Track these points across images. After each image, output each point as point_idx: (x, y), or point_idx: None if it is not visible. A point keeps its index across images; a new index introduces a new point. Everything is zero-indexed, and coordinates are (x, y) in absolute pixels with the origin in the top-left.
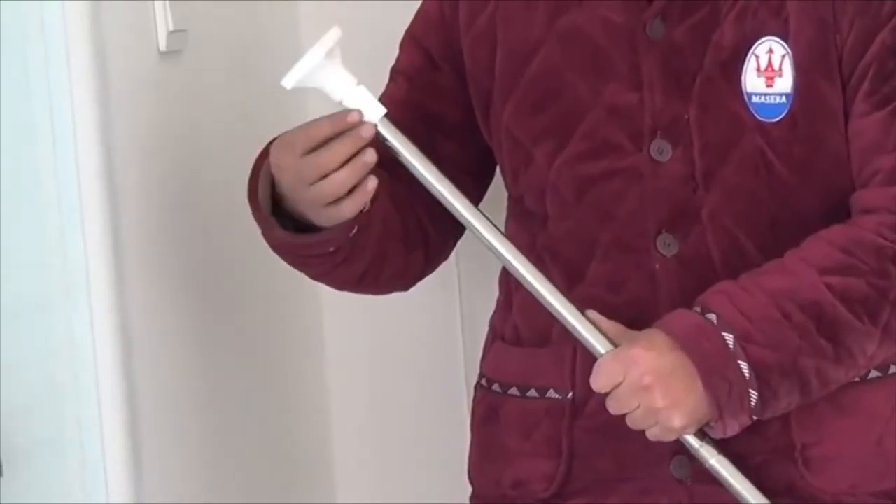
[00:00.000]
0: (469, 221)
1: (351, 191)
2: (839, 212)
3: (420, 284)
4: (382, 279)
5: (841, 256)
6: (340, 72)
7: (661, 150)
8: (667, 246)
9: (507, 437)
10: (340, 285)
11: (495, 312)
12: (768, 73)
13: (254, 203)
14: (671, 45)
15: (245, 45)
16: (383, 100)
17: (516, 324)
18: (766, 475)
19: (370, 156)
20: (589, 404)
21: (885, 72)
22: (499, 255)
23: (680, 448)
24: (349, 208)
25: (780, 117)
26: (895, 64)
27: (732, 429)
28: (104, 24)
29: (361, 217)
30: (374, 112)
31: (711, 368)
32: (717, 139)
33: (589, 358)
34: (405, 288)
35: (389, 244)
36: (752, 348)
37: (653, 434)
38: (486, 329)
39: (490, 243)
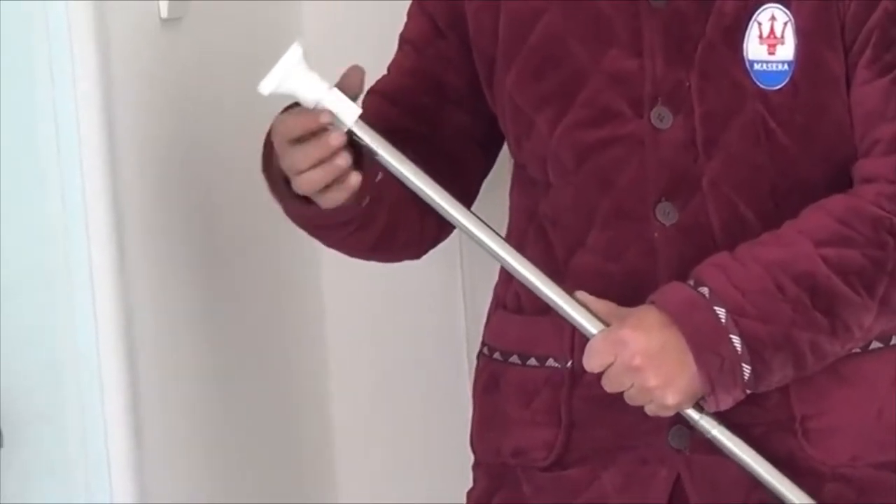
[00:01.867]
0: (451, 215)
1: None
2: (841, 180)
3: (422, 258)
4: (396, 246)
5: (837, 227)
6: (313, 77)
7: (661, 116)
8: (666, 214)
9: (508, 405)
10: (355, 253)
11: (498, 280)
12: (770, 40)
13: (268, 174)
14: (673, 12)
15: (246, 11)
16: (392, 67)
17: (518, 292)
18: (766, 447)
19: (342, 160)
20: (587, 374)
21: (888, 39)
22: (482, 244)
23: (678, 418)
24: (332, 200)
25: (782, 85)
26: None
27: (725, 403)
28: None
29: (374, 188)
30: (349, 114)
31: (703, 343)
32: (719, 106)
33: None
34: (418, 255)
35: (403, 212)
36: (744, 322)
37: (650, 410)
38: (488, 300)
39: (474, 234)
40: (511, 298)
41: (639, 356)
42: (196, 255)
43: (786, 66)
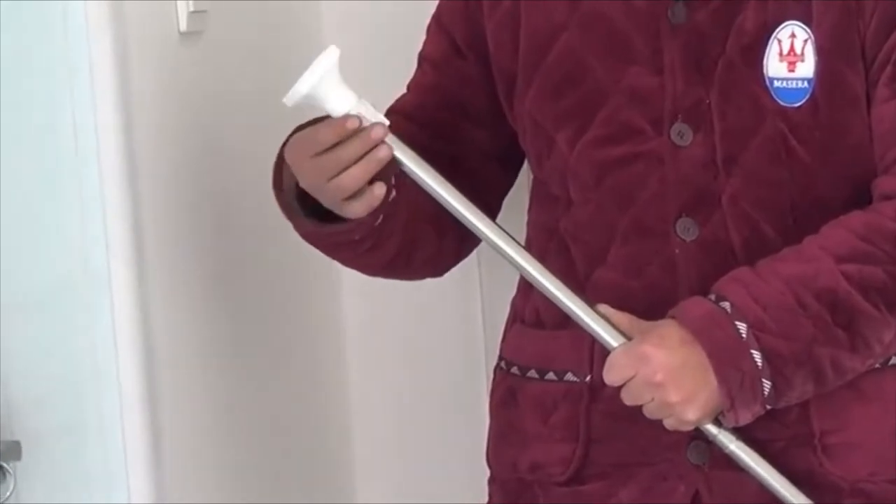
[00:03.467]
0: (476, 226)
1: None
2: (860, 198)
3: None
4: (414, 265)
5: (859, 244)
6: (341, 88)
7: (681, 134)
8: (686, 230)
9: (526, 419)
10: (370, 271)
11: (517, 293)
12: (790, 57)
13: (278, 193)
14: (693, 30)
15: (265, 25)
16: (411, 85)
17: (537, 306)
18: (785, 462)
19: (384, 151)
20: (606, 388)
21: None
22: (507, 256)
23: (697, 434)
24: (360, 209)
25: (802, 102)
26: None
27: (745, 418)
28: (125, 5)
29: (387, 205)
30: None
31: (724, 359)
32: (739, 124)
33: None
34: (439, 273)
35: (419, 229)
36: (765, 337)
37: (669, 424)
38: (506, 313)
39: (498, 245)
40: (530, 312)
41: (660, 372)
42: (215, 268)
43: (806, 84)
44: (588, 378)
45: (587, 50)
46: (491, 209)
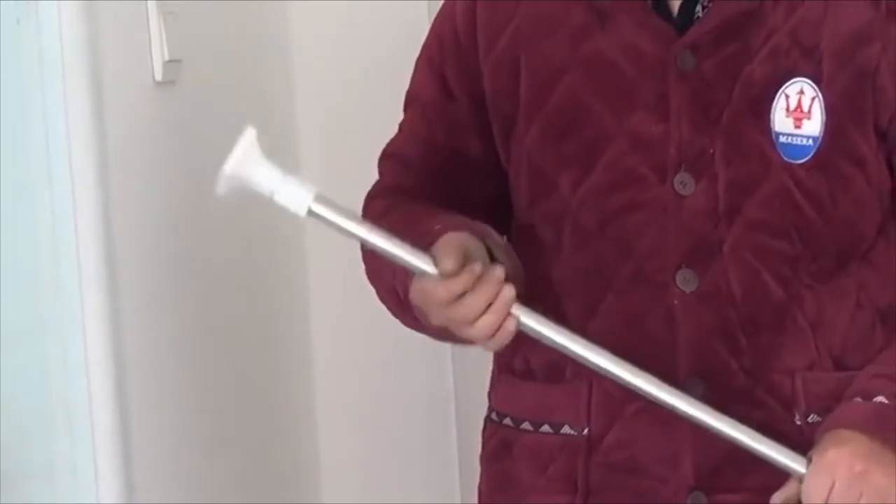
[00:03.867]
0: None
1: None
2: (852, 251)
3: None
4: None
5: None
6: (265, 168)
7: (684, 183)
8: (686, 282)
9: (521, 471)
10: None
11: None
12: (797, 113)
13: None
14: (700, 78)
15: (239, 75)
16: (405, 129)
17: (527, 357)
18: None
19: (509, 292)
20: (605, 440)
21: None
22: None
23: (697, 483)
24: (497, 346)
25: (806, 159)
26: None
27: None
28: (101, 54)
29: None
30: (305, 196)
31: None
32: (743, 175)
33: (604, 393)
34: None
35: None
36: None
37: None
38: (475, 356)
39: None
40: (519, 364)
41: (858, 462)
42: (188, 304)
43: (811, 142)
44: (586, 431)
45: (591, 94)
46: None
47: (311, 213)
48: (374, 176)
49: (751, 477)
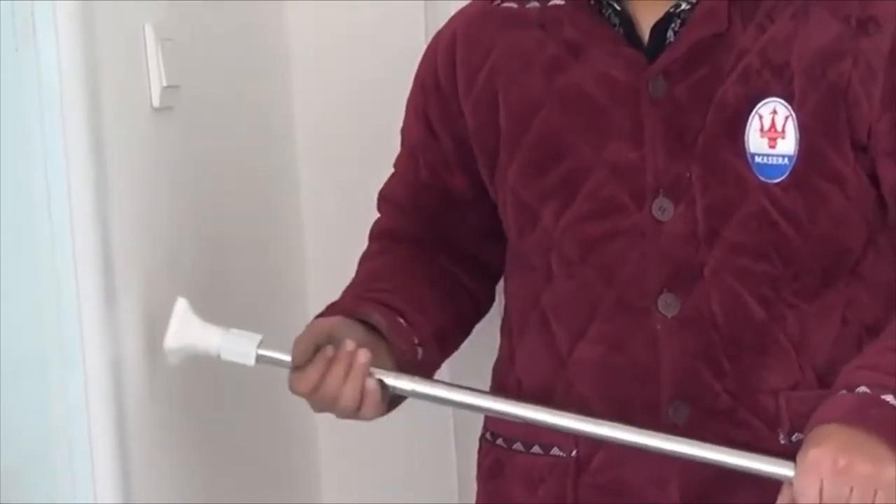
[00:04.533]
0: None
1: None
2: (836, 268)
3: None
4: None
5: None
6: (205, 330)
7: (662, 209)
8: (668, 306)
9: (514, 490)
10: None
11: (498, 362)
12: (771, 133)
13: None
14: (673, 104)
15: (237, 100)
16: (399, 168)
17: (519, 379)
18: None
19: (362, 356)
20: (593, 462)
21: None
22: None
23: (688, 499)
24: (372, 413)
25: (783, 178)
26: None
27: None
28: (99, 81)
29: (412, 347)
30: (251, 344)
31: (890, 428)
32: (721, 198)
33: (593, 416)
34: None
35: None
36: None
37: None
38: (468, 362)
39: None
40: (512, 385)
41: (840, 456)
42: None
43: (786, 161)
44: (574, 453)
45: (567, 125)
46: (493, 281)
47: (259, 359)
48: (373, 196)
49: (738, 496)
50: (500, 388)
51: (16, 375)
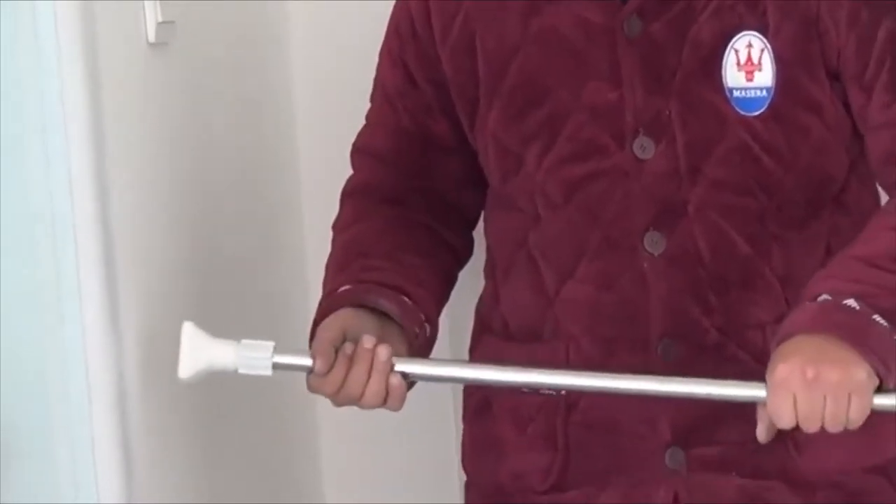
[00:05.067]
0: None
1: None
2: (821, 200)
3: None
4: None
5: None
6: (218, 347)
7: (643, 147)
8: (654, 244)
9: (502, 429)
10: None
11: (481, 302)
12: (748, 66)
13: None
14: (649, 42)
15: (234, 36)
16: (372, 119)
17: (505, 318)
18: (759, 461)
19: (383, 353)
20: (582, 400)
21: None
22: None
23: (674, 439)
24: (398, 405)
25: (762, 111)
26: None
27: None
28: (94, 16)
29: (421, 330)
30: (265, 353)
31: (855, 332)
32: (701, 134)
33: (582, 354)
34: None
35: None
36: (877, 302)
37: (857, 408)
38: (471, 317)
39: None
40: (498, 324)
41: (808, 367)
42: (187, 273)
43: (764, 93)
44: (564, 391)
45: (545, 68)
46: (471, 229)
47: (276, 366)
48: None
49: (725, 430)
50: (484, 327)
51: (10, 315)
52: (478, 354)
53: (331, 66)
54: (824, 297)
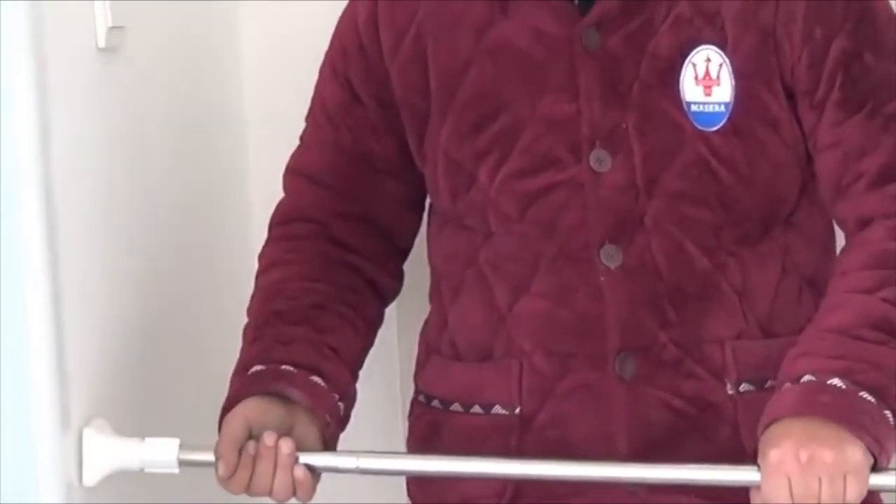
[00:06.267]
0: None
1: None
2: (774, 215)
3: None
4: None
5: (876, 273)
6: (120, 448)
7: (600, 160)
8: (610, 257)
9: (451, 452)
10: None
11: (426, 326)
12: (706, 81)
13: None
14: (607, 55)
15: (184, 41)
16: (308, 140)
17: (454, 340)
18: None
19: (286, 447)
20: (537, 419)
21: (853, 77)
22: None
23: (635, 454)
24: (308, 495)
25: (720, 126)
26: (859, 67)
27: (890, 453)
28: (42, 20)
29: (336, 412)
30: (171, 451)
31: (844, 412)
32: (659, 147)
33: (535, 371)
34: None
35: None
36: (861, 377)
37: (854, 489)
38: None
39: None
40: (446, 346)
41: (801, 450)
42: (134, 276)
43: (722, 108)
44: (517, 410)
45: (499, 82)
46: (405, 255)
47: (182, 463)
48: None
49: (686, 451)
50: (431, 351)
51: None
52: (424, 376)
53: (284, 72)
54: (808, 377)
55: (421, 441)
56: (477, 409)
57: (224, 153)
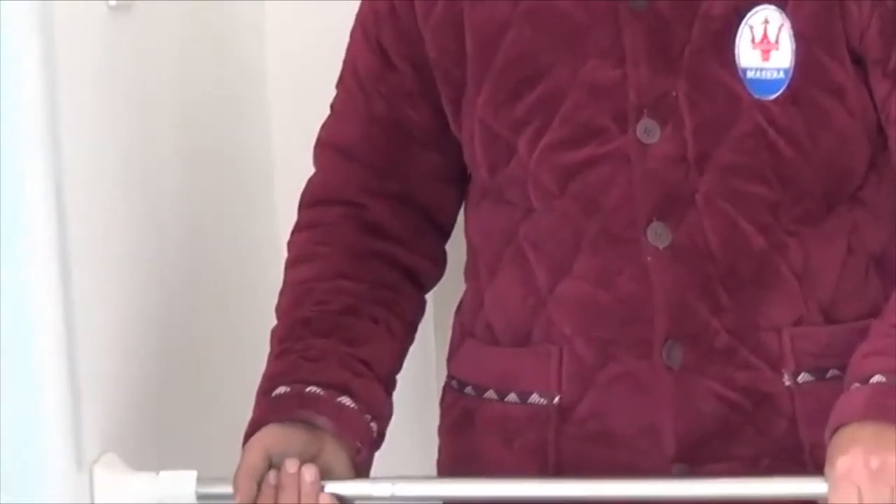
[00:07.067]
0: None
1: None
2: (839, 191)
3: None
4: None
5: None
6: (134, 482)
7: (648, 130)
8: (658, 236)
9: (485, 444)
10: None
11: (461, 308)
12: (764, 45)
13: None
14: (655, 16)
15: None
16: (339, 109)
17: (489, 322)
18: None
19: (308, 476)
20: (577, 409)
21: None
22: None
23: (680, 455)
24: None
25: (778, 94)
26: None
27: None
28: None
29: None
30: (188, 482)
31: None
32: (712, 117)
33: (576, 358)
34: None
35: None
36: None
37: None
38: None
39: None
40: (481, 328)
41: (871, 458)
42: (140, 244)
43: (781, 74)
44: (556, 399)
45: (538, 45)
46: (447, 235)
47: (200, 497)
48: None
49: (738, 446)
50: (466, 335)
51: None
52: (458, 361)
53: (307, 30)
54: (877, 377)
55: (453, 430)
56: (513, 397)
57: (245, 111)
